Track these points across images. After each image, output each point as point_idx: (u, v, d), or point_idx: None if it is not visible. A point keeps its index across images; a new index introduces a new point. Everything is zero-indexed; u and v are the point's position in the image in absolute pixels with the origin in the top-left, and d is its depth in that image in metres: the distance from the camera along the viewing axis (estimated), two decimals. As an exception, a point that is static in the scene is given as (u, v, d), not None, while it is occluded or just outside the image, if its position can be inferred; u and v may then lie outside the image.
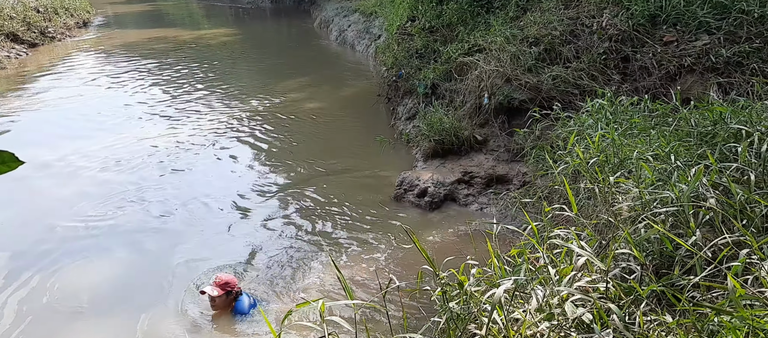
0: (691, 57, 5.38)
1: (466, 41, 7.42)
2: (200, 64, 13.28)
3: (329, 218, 5.54)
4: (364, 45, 13.29)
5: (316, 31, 17.27)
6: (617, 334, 1.91)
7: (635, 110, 4.46)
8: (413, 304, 3.74)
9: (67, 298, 4.35)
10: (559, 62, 6.18)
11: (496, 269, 2.63)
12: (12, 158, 0.86)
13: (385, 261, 4.69)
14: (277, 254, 4.93)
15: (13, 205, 6.03)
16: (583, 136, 4.13)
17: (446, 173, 6.05)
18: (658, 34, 5.82)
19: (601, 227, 3.05)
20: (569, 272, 2.30)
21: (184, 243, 5.17)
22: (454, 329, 2.34)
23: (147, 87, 11.10)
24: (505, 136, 6.26)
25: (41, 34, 16.24)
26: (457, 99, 6.88)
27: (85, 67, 13.44)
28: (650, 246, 2.58)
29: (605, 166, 3.47)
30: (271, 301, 4.27)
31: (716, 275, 2.24)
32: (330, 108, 9.39)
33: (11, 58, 13.97)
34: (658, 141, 3.52)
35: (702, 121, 3.60)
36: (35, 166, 6.81)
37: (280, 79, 11.45)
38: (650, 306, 2.19)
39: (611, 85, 5.61)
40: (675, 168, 3.00)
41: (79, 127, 8.58)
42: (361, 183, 6.31)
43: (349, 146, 7.52)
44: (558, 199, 4.01)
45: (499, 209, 5.37)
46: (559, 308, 2.14)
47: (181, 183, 6.51)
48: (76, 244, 5.18)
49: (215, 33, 17.88)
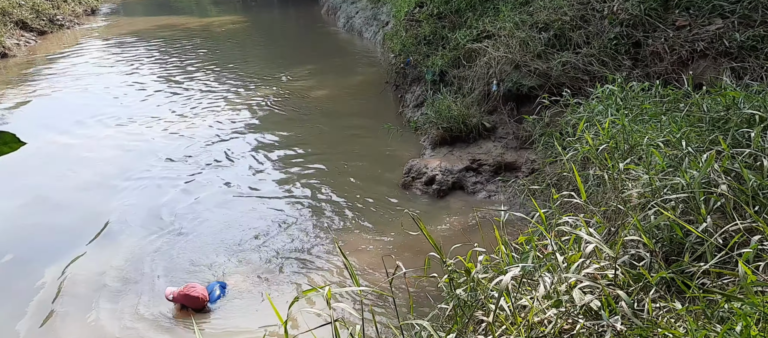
0: (704, 41, 5.29)
1: (475, 27, 7.34)
2: (208, 52, 13.29)
3: (336, 206, 5.54)
4: (372, 32, 13.20)
5: (324, 18, 17.18)
6: (626, 321, 1.90)
7: (646, 96, 4.40)
8: (420, 292, 3.74)
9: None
10: (569, 48, 6.10)
11: (504, 256, 2.62)
12: (14, 139, 0.87)
13: (392, 248, 4.70)
14: (283, 240, 4.94)
15: (15, 190, 6.10)
16: (593, 123, 4.08)
17: (454, 161, 6.02)
18: (670, 19, 5.72)
19: (610, 214, 3.02)
20: (577, 259, 2.28)
21: (185, 228, 5.20)
22: (461, 316, 2.34)
23: (155, 75, 11.13)
24: (513, 123, 6.21)
25: (50, 21, 16.31)
26: (466, 86, 6.82)
27: (93, 54, 13.50)
28: (660, 233, 2.55)
29: (615, 153, 3.43)
30: (277, 288, 4.29)
31: (727, 262, 2.21)
32: (337, 95, 9.36)
33: (20, 46, 14.05)
34: (669, 127, 3.47)
35: (714, 106, 3.54)
36: (40, 152, 6.87)
37: (287, 66, 11.42)
38: (659, 293, 2.17)
39: (622, 70, 5.53)
40: (686, 154, 2.95)
41: (86, 114, 8.64)
42: (368, 171, 6.30)
43: (356, 134, 7.50)
44: (567, 186, 3.97)
45: (508, 197, 5.34)
46: (567, 295, 2.13)
47: (187, 168, 6.54)
48: (86, 229, 5.23)
49: (223, 20, 17.85)
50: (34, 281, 4.47)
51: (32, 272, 4.59)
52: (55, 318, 4.05)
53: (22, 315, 4.10)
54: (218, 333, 3.86)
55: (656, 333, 1.83)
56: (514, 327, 2.09)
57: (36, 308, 4.16)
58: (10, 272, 4.66)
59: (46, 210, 5.72)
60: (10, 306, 4.21)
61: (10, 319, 4.05)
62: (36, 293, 4.32)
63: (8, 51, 13.19)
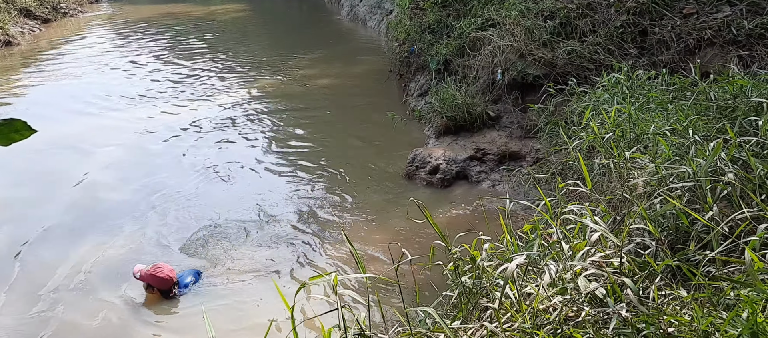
0: (712, 29, 5.24)
1: (480, 15, 7.30)
2: (211, 40, 13.27)
3: (340, 195, 5.55)
4: (376, 20, 13.14)
5: (328, 6, 17.09)
6: (631, 308, 1.90)
7: (652, 84, 4.37)
8: (425, 279, 3.75)
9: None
10: (575, 36, 6.05)
11: (509, 244, 2.62)
12: (25, 126, 0.87)
13: (396, 236, 4.70)
14: (286, 228, 4.96)
15: (25, 178, 6.13)
16: (599, 111, 4.06)
17: (458, 150, 6.01)
18: (677, 6, 5.67)
19: (616, 203, 3.02)
20: (582, 247, 2.28)
21: (188, 218, 5.22)
22: (466, 303, 2.35)
23: (159, 62, 11.13)
24: (518, 112, 6.19)
25: (54, 9, 16.28)
26: (470, 75, 6.79)
27: (97, 42, 13.50)
28: (665, 221, 2.54)
29: (621, 141, 3.42)
30: (282, 275, 4.32)
31: (733, 250, 2.20)
32: (341, 84, 9.34)
33: (24, 34, 14.04)
34: (675, 115, 3.46)
35: (722, 94, 3.52)
36: (46, 140, 6.89)
37: (290, 54, 11.39)
38: (665, 281, 2.17)
39: (628, 59, 5.50)
40: (693, 142, 2.94)
41: (91, 102, 8.66)
42: (371, 160, 6.30)
43: (360, 123, 7.49)
44: (572, 175, 3.96)
45: (512, 186, 5.34)
46: (572, 283, 2.13)
47: (190, 158, 6.55)
48: (91, 217, 5.26)
49: (226, 9, 17.78)
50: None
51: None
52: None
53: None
54: (231, 319, 3.87)
55: (662, 320, 1.83)
56: (519, 314, 2.09)
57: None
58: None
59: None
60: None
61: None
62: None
63: (13, 39, 13.19)
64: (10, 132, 0.84)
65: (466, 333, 2.14)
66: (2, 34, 12.99)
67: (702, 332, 1.74)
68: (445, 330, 2.01)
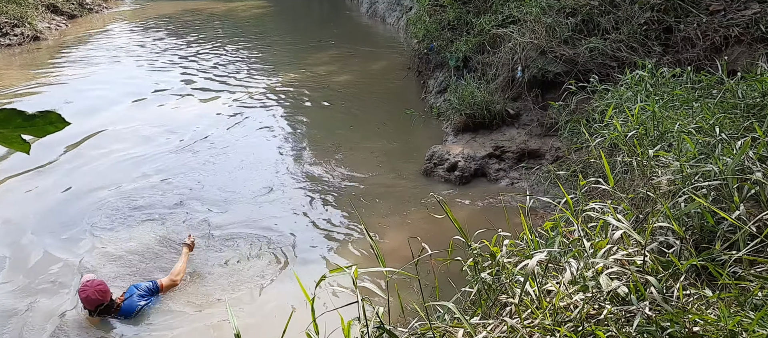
0: (739, 27, 5.13)
1: (500, 12, 7.24)
2: (232, 37, 13.40)
3: (358, 191, 5.56)
4: (395, 17, 13.12)
5: (347, 3, 17.13)
6: (654, 307, 1.87)
7: (677, 82, 4.29)
8: (443, 275, 3.75)
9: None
10: (597, 33, 5.98)
11: (529, 241, 2.60)
12: (59, 119, 0.88)
13: (415, 232, 4.70)
14: (306, 223, 5.00)
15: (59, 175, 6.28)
16: (622, 109, 4.01)
17: (477, 147, 5.98)
18: (703, 3, 5.56)
19: (638, 201, 2.97)
20: (604, 245, 2.26)
21: (212, 211, 5.28)
22: (486, 299, 2.34)
23: (182, 58, 11.28)
24: (538, 110, 6.13)
25: (79, 5, 16.61)
26: (490, 72, 6.75)
27: (122, 38, 13.74)
28: (690, 220, 2.50)
29: (644, 139, 3.37)
30: (302, 267, 4.35)
31: (761, 251, 2.16)
32: (360, 81, 9.36)
33: (52, 29, 14.35)
34: (701, 113, 3.39)
35: (750, 92, 3.44)
36: (74, 134, 7.05)
37: (310, 51, 11.45)
38: (689, 280, 2.14)
39: (652, 57, 5.41)
40: (719, 140, 2.88)
41: (116, 97, 8.81)
42: (390, 156, 6.30)
43: (378, 119, 7.50)
44: (593, 174, 3.92)
45: (531, 184, 5.29)
46: (594, 280, 2.11)
47: (213, 153, 6.63)
48: (112, 212, 5.36)
49: (247, 5, 17.94)
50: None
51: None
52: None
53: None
54: (249, 313, 3.91)
55: (687, 319, 1.81)
56: (539, 311, 2.08)
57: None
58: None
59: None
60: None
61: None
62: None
63: (40, 34, 13.49)
64: (45, 123, 0.85)
65: (486, 328, 2.13)
66: (30, 30, 13.29)
67: (729, 331, 1.71)
68: (465, 325, 2.00)
